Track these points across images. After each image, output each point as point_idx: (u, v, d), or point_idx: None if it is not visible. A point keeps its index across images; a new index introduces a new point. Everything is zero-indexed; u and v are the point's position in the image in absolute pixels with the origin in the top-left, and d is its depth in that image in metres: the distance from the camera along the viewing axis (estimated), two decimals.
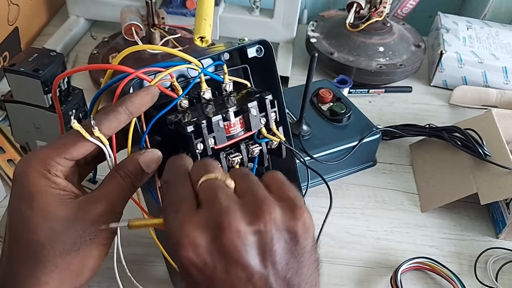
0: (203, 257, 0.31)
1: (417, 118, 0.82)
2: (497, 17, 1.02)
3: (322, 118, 0.70)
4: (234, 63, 0.50)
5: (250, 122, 0.44)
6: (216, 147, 0.43)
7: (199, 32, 0.51)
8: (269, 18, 0.91)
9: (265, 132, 0.46)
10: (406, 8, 1.05)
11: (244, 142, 0.45)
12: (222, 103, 0.45)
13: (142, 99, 0.40)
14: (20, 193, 0.37)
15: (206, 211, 0.32)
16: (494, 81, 0.87)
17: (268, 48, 0.49)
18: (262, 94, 0.45)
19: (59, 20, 0.97)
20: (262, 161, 0.47)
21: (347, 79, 0.83)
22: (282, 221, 0.33)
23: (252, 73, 0.51)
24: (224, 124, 0.43)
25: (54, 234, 0.36)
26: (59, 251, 0.36)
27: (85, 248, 0.36)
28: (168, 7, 0.88)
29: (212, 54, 0.47)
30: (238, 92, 0.47)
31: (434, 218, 0.67)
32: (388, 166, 0.74)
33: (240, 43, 0.48)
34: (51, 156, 0.37)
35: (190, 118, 0.42)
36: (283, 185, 0.35)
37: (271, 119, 0.46)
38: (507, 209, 0.63)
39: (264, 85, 0.49)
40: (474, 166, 0.66)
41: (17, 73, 0.58)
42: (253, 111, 0.44)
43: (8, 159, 0.67)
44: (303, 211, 0.33)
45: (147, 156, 0.40)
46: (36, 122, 0.63)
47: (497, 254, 0.62)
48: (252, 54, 0.49)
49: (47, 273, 0.35)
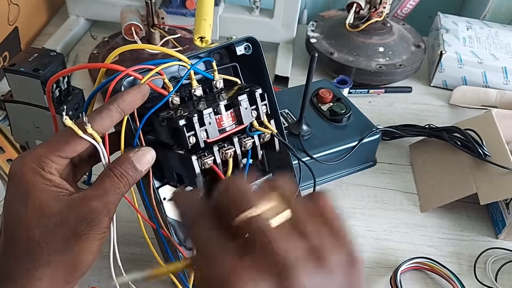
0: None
1: (417, 118, 0.82)
2: (497, 18, 1.02)
3: (322, 118, 0.70)
4: (224, 62, 0.51)
5: (241, 115, 0.45)
6: (208, 141, 0.43)
7: (199, 32, 0.51)
8: (269, 18, 0.91)
9: (256, 125, 0.46)
10: (406, 8, 1.05)
11: (237, 136, 0.46)
12: (213, 99, 0.45)
13: (133, 97, 0.40)
14: (15, 191, 0.37)
15: (261, 258, 0.27)
16: (494, 82, 0.87)
17: (256, 45, 0.50)
18: (252, 88, 0.46)
19: (59, 20, 0.97)
20: (256, 155, 0.48)
21: (347, 79, 0.83)
22: (343, 272, 0.29)
23: (242, 70, 0.51)
24: (216, 118, 0.43)
25: (48, 231, 0.36)
26: (52, 248, 0.36)
27: (79, 244, 0.36)
28: (168, 7, 0.88)
29: (201, 51, 0.47)
30: (229, 89, 0.48)
31: (434, 218, 0.67)
32: (388, 166, 0.74)
33: (229, 40, 0.48)
34: (45, 154, 0.37)
35: (181, 114, 0.43)
36: (336, 221, 0.30)
37: (262, 112, 0.46)
38: (507, 209, 0.63)
39: (254, 81, 0.50)
40: (473, 166, 0.66)
41: (17, 73, 0.58)
42: (243, 104, 0.44)
43: (8, 159, 0.67)
44: (360, 264, 0.29)
45: (140, 154, 0.40)
46: (36, 122, 0.63)
47: (497, 254, 0.62)
48: (240, 51, 0.49)
49: (41, 269, 0.36)
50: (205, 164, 0.43)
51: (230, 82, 0.49)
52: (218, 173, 0.44)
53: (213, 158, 0.44)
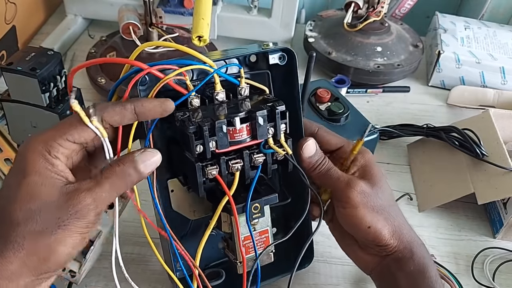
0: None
1: (415, 118, 0.82)
2: (495, 18, 1.02)
3: (320, 117, 0.70)
4: (259, 66, 0.49)
5: (257, 130, 0.43)
6: (217, 151, 0.42)
7: (197, 31, 0.51)
8: (267, 18, 0.91)
9: (271, 143, 0.45)
10: (404, 8, 1.05)
11: (249, 150, 0.44)
12: (235, 106, 0.44)
13: (153, 107, 0.39)
14: (16, 169, 0.37)
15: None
16: (492, 81, 0.87)
17: (291, 57, 0.48)
18: (275, 103, 0.44)
19: (57, 19, 0.97)
20: (266, 171, 0.46)
21: (345, 79, 0.83)
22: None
23: (274, 80, 0.49)
24: (229, 129, 0.42)
25: (31, 214, 0.35)
26: (30, 232, 0.35)
27: (58, 234, 0.35)
28: (166, 6, 0.88)
29: (232, 56, 0.46)
30: (254, 96, 0.46)
31: (432, 218, 0.67)
32: (386, 166, 0.74)
33: (264, 48, 0.47)
34: (52, 137, 0.37)
35: (197, 118, 0.42)
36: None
37: (280, 130, 0.45)
38: (504, 209, 0.63)
39: (284, 93, 0.48)
40: (471, 166, 0.66)
41: (14, 72, 0.58)
42: (260, 120, 0.43)
43: (5, 158, 0.66)
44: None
45: (145, 156, 0.39)
46: (34, 121, 0.63)
47: (494, 254, 0.62)
48: (273, 60, 0.47)
49: (13, 252, 0.35)
50: (208, 174, 0.43)
51: (258, 89, 0.47)
52: (222, 185, 0.43)
53: (218, 170, 0.43)
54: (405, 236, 0.48)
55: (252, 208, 0.46)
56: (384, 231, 0.47)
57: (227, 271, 0.52)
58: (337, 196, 0.48)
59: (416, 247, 0.48)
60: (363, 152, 0.50)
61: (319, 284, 0.58)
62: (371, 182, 0.48)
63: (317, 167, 0.48)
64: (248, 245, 0.47)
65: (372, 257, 0.49)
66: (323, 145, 0.51)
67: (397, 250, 0.47)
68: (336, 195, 0.48)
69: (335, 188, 0.48)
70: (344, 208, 0.47)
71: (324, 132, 0.51)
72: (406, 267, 0.47)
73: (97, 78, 0.77)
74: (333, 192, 0.49)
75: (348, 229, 0.49)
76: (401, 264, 0.47)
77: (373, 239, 0.47)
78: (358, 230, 0.47)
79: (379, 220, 0.47)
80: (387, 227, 0.47)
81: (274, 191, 0.47)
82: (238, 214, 0.45)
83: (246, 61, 0.49)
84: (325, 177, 0.48)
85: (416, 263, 0.47)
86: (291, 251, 0.52)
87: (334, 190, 0.48)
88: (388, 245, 0.47)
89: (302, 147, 0.47)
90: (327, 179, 0.48)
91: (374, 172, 0.49)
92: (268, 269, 0.50)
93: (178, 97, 0.42)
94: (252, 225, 0.47)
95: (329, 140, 0.51)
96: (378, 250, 0.48)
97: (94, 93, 0.80)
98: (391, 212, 0.48)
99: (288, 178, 0.50)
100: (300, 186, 0.50)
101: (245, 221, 0.46)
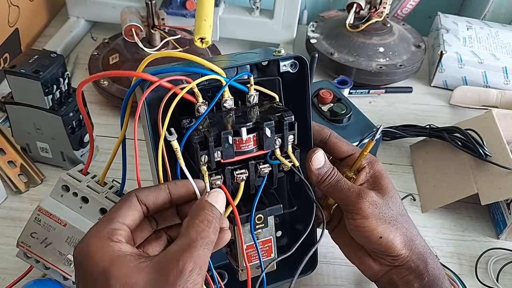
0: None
1: (418, 119, 0.82)
2: (497, 18, 1.02)
3: (322, 118, 0.70)
4: (270, 71, 0.48)
5: (263, 141, 0.43)
6: (222, 161, 0.42)
7: (199, 33, 0.51)
8: (269, 19, 0.91)
9: (278, 154, 0.44)
10: (406, 8, 1.05)
11: (254, 160, 0.44)
12: (242, 114, 0.43)
13: (187, 191, 0.39)
14: (91, 279, 0.33)
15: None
16: (495, 81, 0.86)
17: (303, 65, 0.47)
18: (284, 114, 0.43)
19: (59, 22, 0.97)
20: (272, 181, 0.46)
21: (347, 80, 0.83)
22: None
23: (284, 86, 0.48)
24: (235, 139, 0.42)
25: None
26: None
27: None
28: (168, 8, 0.88)
29: (243, 63, 0.45)
30: (263, 103, 0.45)
31: (435, 219, 0.67)
32: (389, 167, 0.74)
33: (276, 55, 0.45)
34: (105, 225, 0.35)
35: (204, 126, 0.41)
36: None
37: (287, 142, 0.44)
38: (508, 209, 0.63)
39: (294, 102, 0.47)
40: (474, 166, 0.66)
41: (18, 74, 0.58)
42: (267, 132, 0.42)
43: (9, 161, 0.66)
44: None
45: (214, 196, 0.38)
46: (37, 123, 0.63)
47: (498, 254, 0.62)
48: (285, 68, 0.46)
49: None
50: (213, 183, 0.42)
51: (268, 96, 0.46)
52: (226, 195, 0.42)
53: (223, 179, 0.43)
54: (417, 247, 0.47)
55: (256, 219, 0.45)
56: (396, 241, 0.46)
57: (229, 273, 0.52)
58: (347, 208, 0.47)
59: (430, 257, 0.48)
60: (373, 162, 0.49)
61: (322, 285, 0.58)
62: (381, 192, 0.47)
63: (326, 179, 0.47)
64: (251, 253, 0.47)
65: (382, 266, 0.48)
66: (334, 152, 0.50)
67: (409, 260, 0.47)
68: (346, 206, 0.47)
69: (346, 200, 0.47)
70: (354, 220, 0.46)
71: (335, 138, 0.50)
72: (420, 278, 0.47)
73: (100, 80, 0.77)
74: (343, 204, 0.48)
75: (359, 240, 0.48)
76: (416, 274, 0.47)
77: (385, 249, 0.46)
78: (370, 241, 0.47)
79: (391, 231, 0.46)
80: (399, 237, 0.46)
81: (278, 201, 0.47)
82: (242, 224, 0.45)
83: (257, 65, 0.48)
84: (335, 189, 0.47)
85: (431, 274, 0.47)
86: (295, 258, 0.51)
87: (344, 202, 0.47)
88: (400, 255, 0.47)
89: (311, 159, 0.47)
90: (337, 191, 0.47)
91: (384, 183, 0.48)
92: (271, 275, 0.51)
93: (186, 102, 0.41)
94: (255, 234, 0.46)
95: (341, 147, 0.50)
96: (390, 261, 0.47)
97: (96, 95, 0.80)
98: (403, 222, 0.47)
99: (295, 183, 0.50)
100: (307, 192, 0.49)
101: (248, 230, 0.46)
